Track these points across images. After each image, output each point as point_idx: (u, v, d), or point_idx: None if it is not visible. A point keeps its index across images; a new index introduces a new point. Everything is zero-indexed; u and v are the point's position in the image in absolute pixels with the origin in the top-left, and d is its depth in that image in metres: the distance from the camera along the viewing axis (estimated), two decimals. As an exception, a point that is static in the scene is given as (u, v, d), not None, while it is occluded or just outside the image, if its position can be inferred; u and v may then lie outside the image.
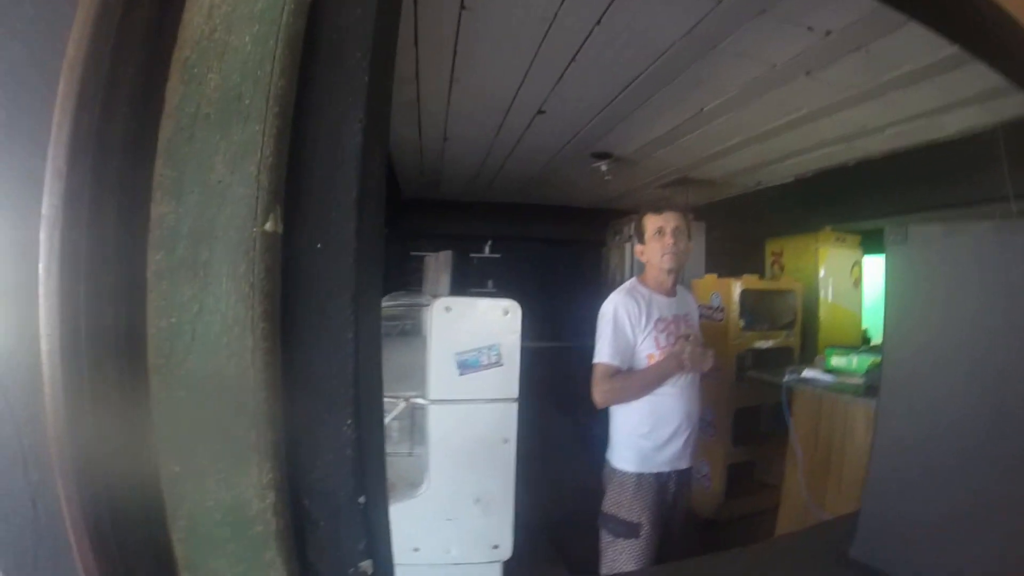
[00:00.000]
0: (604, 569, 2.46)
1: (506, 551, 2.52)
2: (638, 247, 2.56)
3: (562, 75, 3.08)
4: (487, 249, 7.70)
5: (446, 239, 7.34)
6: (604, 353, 2.36)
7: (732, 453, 4.55)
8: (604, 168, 4.81)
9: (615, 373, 2.34)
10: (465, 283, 7.40)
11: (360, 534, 0.71)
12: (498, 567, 2.55)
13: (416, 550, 2.47)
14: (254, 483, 0.64)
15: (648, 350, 2.39)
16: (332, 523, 0.70)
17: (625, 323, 2.36)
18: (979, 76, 2.73)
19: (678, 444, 2.46)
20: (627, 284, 2.54)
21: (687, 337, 2.43)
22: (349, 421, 0.72)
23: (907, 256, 1.36)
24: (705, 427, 4.60)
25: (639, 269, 2.63)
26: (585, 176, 5.32)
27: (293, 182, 0.68)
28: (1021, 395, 1.12)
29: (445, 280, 3.74)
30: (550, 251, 7.71)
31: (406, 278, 6.56)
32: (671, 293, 2.52)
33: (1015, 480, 1.13)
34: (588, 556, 2.55)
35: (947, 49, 2.47)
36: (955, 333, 1.25)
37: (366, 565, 0.71)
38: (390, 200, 6.20)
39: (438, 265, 4.18)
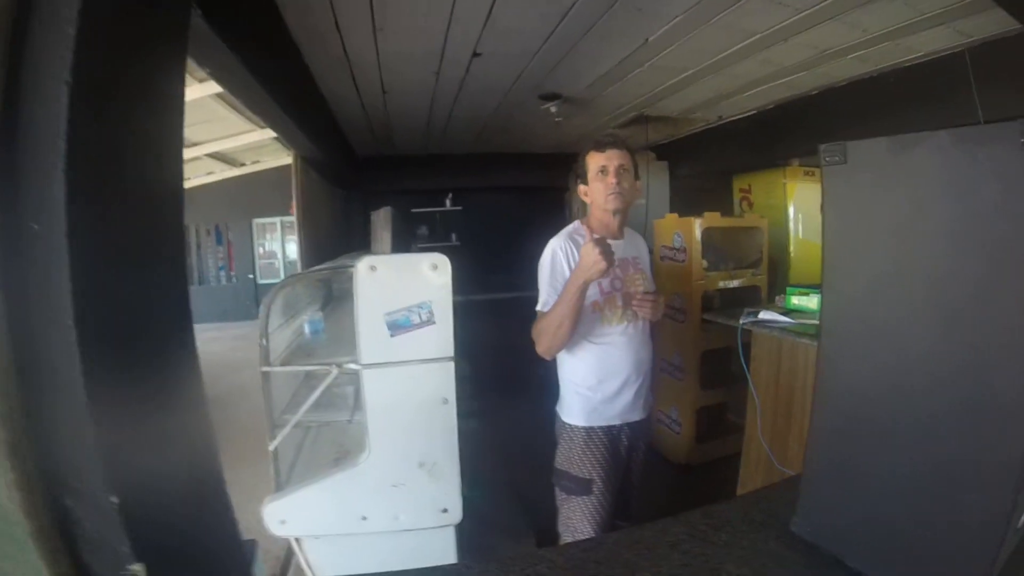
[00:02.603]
0: (560, 527, 2.39)
1: (456, 515, 2.46)
2: (581, 188, 2.40)
3: (490, 11, 2.88)
4: (448, 202, 7.58)
5: (407, 195, 7.22)
6: (541, 300, 2.26)
7: (701, 396, 4.51)
8: (554, 110, 4.64)
9: None
10: (432, 238, 7.31)
11: (122, 536, 0.65)
12: (450, 531, 2.50)
13: (364, 519, 2.43)
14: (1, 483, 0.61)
15: (591, 297, 2.24)
16: (95, 524, 0.66)
17: (563, 267, 2.23)
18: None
19: (628, 395, 2.35)
20: (569, 227, 2.39)
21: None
22: (88, 414, 0.63)
23: (848, 177, 1.21)
24: (673, 371, 4.56)
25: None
26: (539, 120, 5.15)
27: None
28: (984, 331, 0.98)
29: (386, 238, 3.59)
30: (513, 199, 7.60)
31: (368, 239, 6.43)
32: (617, 235, 2.37)
33: (969, 432, 1.00)
34: (552, 515, 2.45)
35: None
36: (907, 263, 1.10)
37: (136, 568, 0.66)
38: (345, 161, 6.05)
39: (379, 223, 4.03)
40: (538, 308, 2.26)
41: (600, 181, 2.28)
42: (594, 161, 2.30)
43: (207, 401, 0.91)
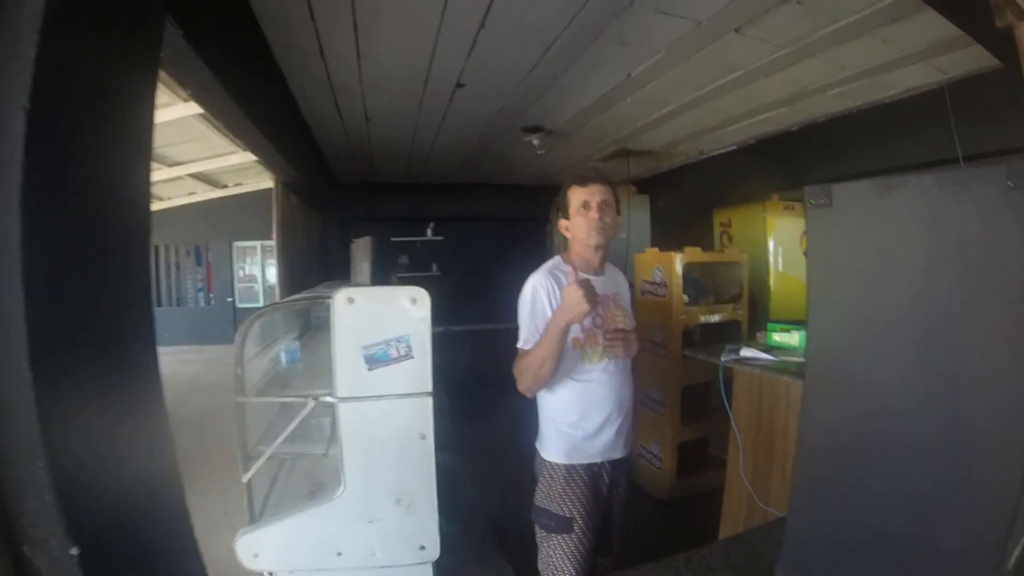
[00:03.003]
0: (540, 565, 2.33)
1: (433, 552, 2.41)
2: (562, 222, 2.36)
3: (474, 43, 2.90)
4: (429, 232, 7.54)
5: (388, 223, 7.18)
6: (522, 338, 2.21)
7: (682, 431, 4.49)
8: (536, 142, 4.65)
9: None
10: (412, 268, 7.27)
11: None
12: (428, 568, 2.45)
13: (339, 554, 2.38)
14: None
15: (573, 334, 2.20)
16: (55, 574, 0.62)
17: (544, 305, 2.18)
18: (923, 27, 2.66)
19: (610, 433, 2.31)
20: (549, 263, 2.34)
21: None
22: (40, 463, 0.60)
23: (832, 219, 1.21)
24: (653, 405, 4.54)
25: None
26: (521, 152, 5.17)
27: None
28: (967, 371, 0.97)
29: (366, 268, 3.56)
30: (495, 230, 7.58)
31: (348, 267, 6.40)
32: (598, 271, 2.34)
33: (956, 472, 0.99)
34: (533, 551, 2.41)
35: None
36: (891, 303, 1.10)
37: None
38: (325, 186, 6.02)
39: (359, 252, 3.99)
40: (519, 345, 2.22)
41: (582, 216, 2.24)
42: (576, 196, 2.27)
43: (171, 434, 0.87)
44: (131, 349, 0.84)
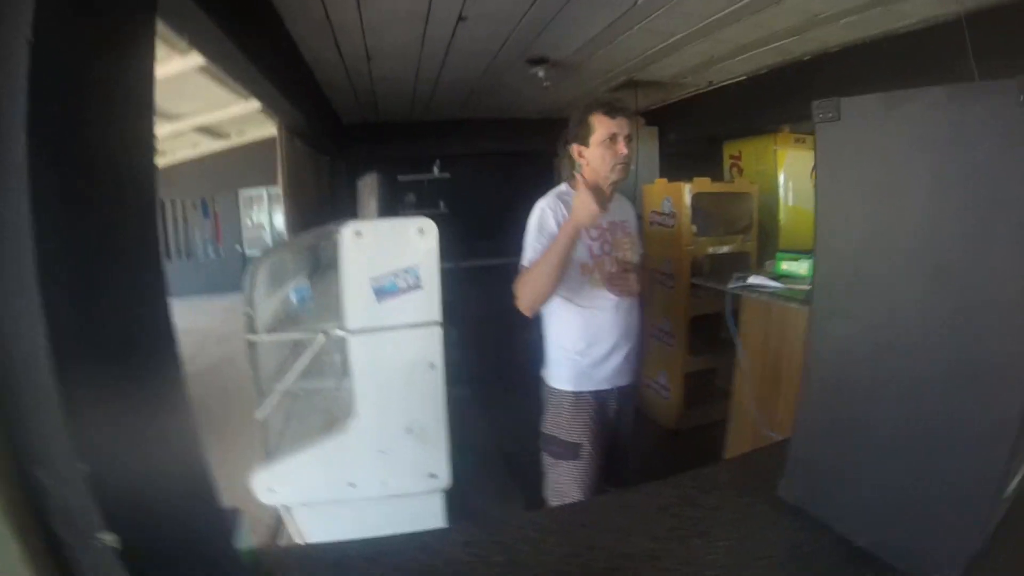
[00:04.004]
0: (548, 492, 2.37)
1: (444, 480, 2.46)
2: (576, 147, 2.29)
3: (475, -28, 2.81)
4: (436, 169, 7.46)
5: (394, 162, 7.12)
6: (526, 257, 2.18)
7: (690, 362, 4.52)
8: (541, 74, 4.55)
9: None
10: (420, 206, 7.23)
11: (92, 505, 0.62)
12: (439, 496, 2.51)
13: (352, 485, 2.43)
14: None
15: (581, 259, 2.22)
16: (65, 493, 0.63)
17: (551, 225, 2.16)
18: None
19: (617, 360, 2.33)
20: (557, 188, 2.33)
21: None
22: (54, 384, 0.60)
23: (841, 134, 1.19)
24: (662, 336, 4.56)
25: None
26: (527, 85, 5.06)
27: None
28: (976, 298, 0.96)
29: (372, 204, 3.55)
30: (502, 166, 7.47)
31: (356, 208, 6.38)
32: (608, 200, 2.27)
33: (961, 395, 0.99)
34: (540, 480, 2.45)
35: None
36: (901, 221, 1.08)
37: (107, 538, 0.63)
38: (330, 129, 5.97)
39: (364, 189, 3.98)
40: (523, 264, 2.19)
41: (607, 148, 2.20)
42: (603, 126, 2.20)
43: (182, 368, 0.88)
44: (147, 331, 0.85)
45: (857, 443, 1.17)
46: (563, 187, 2.33)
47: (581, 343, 2.28)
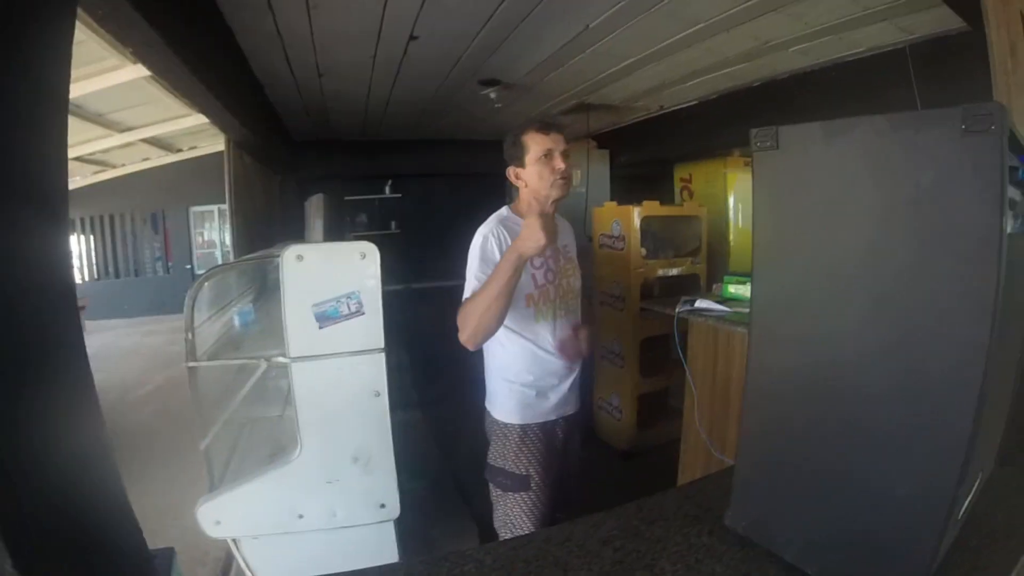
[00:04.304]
0: (497, 524, 2.30)
1: (393, 510, 2.41)
2: (512, 169, 2.24)
3: (426, -7, 2.79)
4: (387, 189, 7.42)
5: (346, 181, 7.06)
6: (470, 287, 2.08)
7: (641, 383, 4.54)
8: (493, 96, 4.57)
9: None
10: (371, 226, 7.18)
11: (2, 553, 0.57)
12: (389, 527, 2.45)
13: (301, 517, 2.37)
14: None
15: (525, 290, 2.13)
16: None
17: (495, 253, 2.06)
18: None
19: (563, 391, 2.29)
20: (498, 213, 2.25)
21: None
22: None
23: (779, 163, 1.18)
24: (613, 358, 4.58)
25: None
26: (479, 106, 5.08)
27: None
28: (920, 321, 0.96)
29: (319, 226, 3.50)
30: (454, 186, 7.47)
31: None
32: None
33: (904, 420, 0.98)
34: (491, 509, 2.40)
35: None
36: (839, 249, 1.08)
37: None
38: (280, 145, 5.89)
39: (312, 211, 3.93)
40: (465, 296, 2.10)
41: (544, 165, 2.14)
42: (537, 143, 2.15)
43: (97, 400, 0.82)
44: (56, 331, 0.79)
45: (802, 469, 1.16)
46: (504, 211, 2.27)
47: (528, 375, 2.21)
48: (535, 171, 2.17)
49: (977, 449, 0.91)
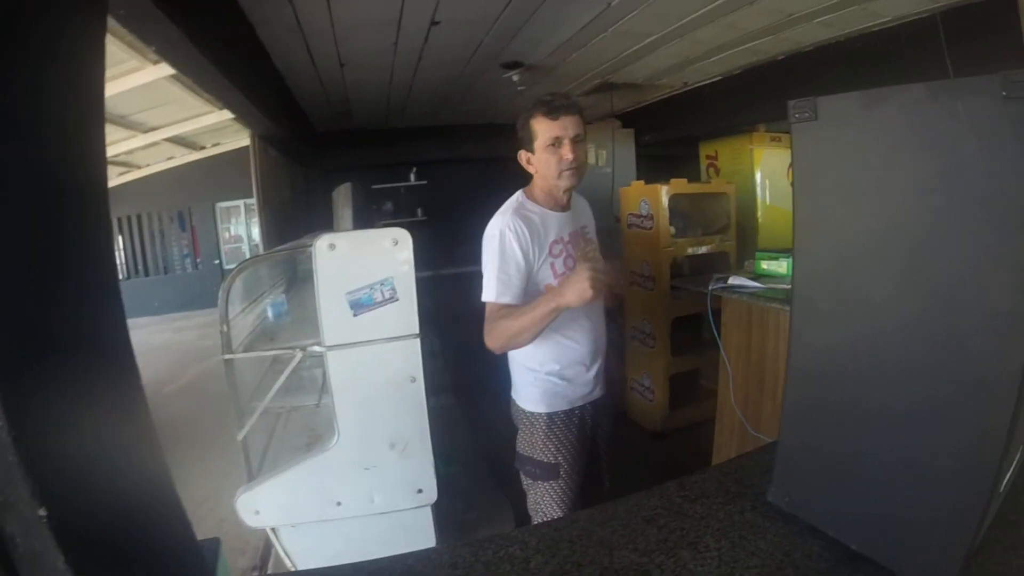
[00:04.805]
0: (530, 511, 2.28)
1: (431, 495, 2.43)
2: (523, 154, 2.14)
3: (447, -24, 2.77)
4: (412, 176, 7.42)
5: (371, 170, 7.07)
6: (491, 290, 2.01)
7: (673, 363, 4.51)
8: (516, 79, 4.54)
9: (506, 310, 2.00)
10: (397, 214, 7.19)
11: (55, 550, 0.58)
12: (427, 511, 2.47)
13: (339, 504, 2.39)
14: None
15: (545, 279, 2.06)
16: (27, 540, 0.58)
17: (514, 250, 2.00)
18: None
19: (588, 378, 2.25)
20: (513, 200, 2.15)
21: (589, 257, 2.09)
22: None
23: (818, 134, 1.16)
24: (644, 338, 4.56)
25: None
26: (502, 90, 5.06)
27: None
28: (960, 290, 0.94)
29: (347, 215, 3.51)
30: (479, 171, 7.31)
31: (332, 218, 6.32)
32: (566, 207, 2.18)
33: (949, 397, 0.97)
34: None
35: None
36: (880, 222, 1.06)
37: None
38: (304, 138, 5.91)
39: (339, 200, 3.94)
40: (486, 299, 2.03)
41: (552, 154, 2.03)
42: (545, 129, 2.02)
43: (144, 395, 0.83)
44: (99, 313, 0.79)
45: (844, 444, 1.15)
46: (519, 197, 2.17)
47: (552, 364, 2.17)
48: (543, 159, 2.06)
49: (1020, 420, 0.90)
